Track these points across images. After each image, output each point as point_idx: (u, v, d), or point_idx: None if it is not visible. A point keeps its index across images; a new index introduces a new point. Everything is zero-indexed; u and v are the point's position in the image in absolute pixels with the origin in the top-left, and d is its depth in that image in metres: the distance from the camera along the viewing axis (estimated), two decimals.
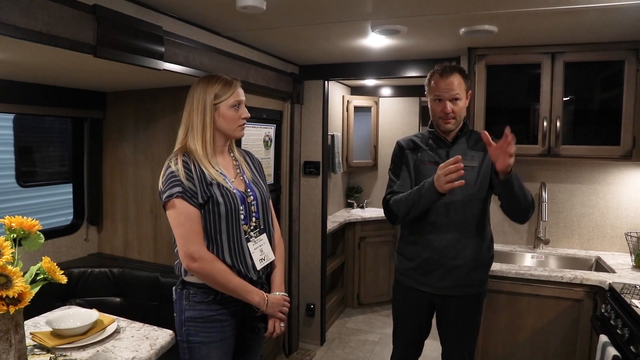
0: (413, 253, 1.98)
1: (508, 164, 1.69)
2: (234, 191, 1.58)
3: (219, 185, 1.55)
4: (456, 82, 1.87)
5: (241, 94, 1.63)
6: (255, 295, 1.57)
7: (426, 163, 1.95)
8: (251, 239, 1.61)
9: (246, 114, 1.65)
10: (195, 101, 1.58)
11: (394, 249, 4.36)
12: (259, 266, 1.61)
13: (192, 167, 1.53)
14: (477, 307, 2.00)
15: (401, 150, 2.04)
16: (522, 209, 1.85)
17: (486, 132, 1.71)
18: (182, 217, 1.49)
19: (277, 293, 1.67)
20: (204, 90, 1.58)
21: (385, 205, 2.02)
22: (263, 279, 1.66)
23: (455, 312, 1.97)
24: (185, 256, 1.49)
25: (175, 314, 1.61)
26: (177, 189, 1.49)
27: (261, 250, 1.63)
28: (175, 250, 1.55)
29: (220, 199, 1.53)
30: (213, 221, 1.53)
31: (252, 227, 1.62)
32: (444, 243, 1.90)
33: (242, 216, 1.58)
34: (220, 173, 1.59)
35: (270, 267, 1.71)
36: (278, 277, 1.72)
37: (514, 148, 1.66)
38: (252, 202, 1.63)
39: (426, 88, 1.99)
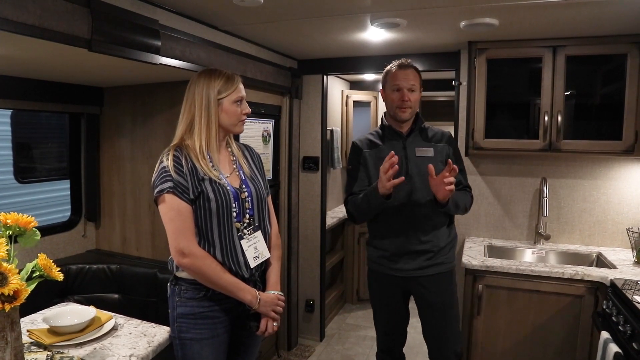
0: (380, 242, 2.09)
1: (445, 195, 1.85)
2: (227, 187, 1.55)
3: (211, 180, 1.52)
4: (413, 75, 2.01)
5: (242, 90, 1.63)
6: (247, 293, 1.55)
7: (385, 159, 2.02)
8: (245, 237, 1.58)
9: (247, 109, 1.64)
10: (197, 97, 1.55)
11: None
12: (252, 264, 1.59)
13: (184, 161, 1.50)
14: (449, 282, 2.07)
15: (357, 151, 2.13)
16: (456, 214, 2.09)
17: (431, 166, 1.84)
18: (173, 213, 1.48)
19: (272, 292, 1.64)
20: (206, 85, 1.55)
21: (346, 206, 2.14)
22: (256, 277, 1.64)
23: (431, 292, 2.04)
24: (175, 252, 1.48)
25: (169, 310, 1.60)
26: (169, 184, 1.47)
27: (255, 248, 1.61)
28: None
29: (212, 195, 1.51)
30: (204, 217, 1.51)
31: (245, 224, 1.59)
32: (406, 231, 2.01)
33: (234, 213, 1.56)
34: (215, 169, 1.56)
35: (265, 265, 1.69)
36: (273, 275, 1.69)
37: (452, 178, 1.80)
38: (247, 199, 1.60)
39: (382, 83, 2.11)
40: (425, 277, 2.03)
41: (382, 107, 4.62)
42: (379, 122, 2.17)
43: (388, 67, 2.08)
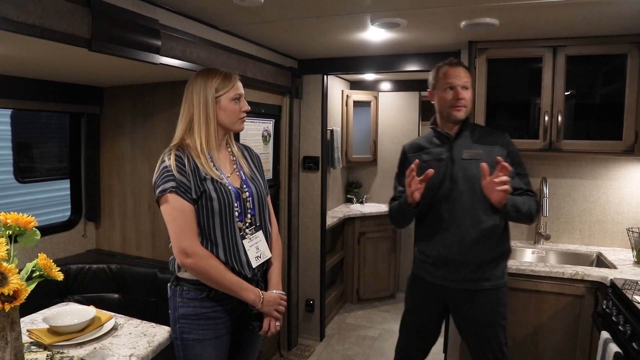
0: (426, 248, 2.00)
1: (499, 198, 1.71)
2: (229, 187, 1.56)
3: (213, 180, 1.52)
4: (466, 72, 1.93)
5: (241, 87, 1.63)
6: (250, 293, 1.55)
7: (431, 162, 1.94)
8: (247, 236, 1.58)
9: (247, 107, 1.64)
10: (195, 96, 1.56)
11: (394, 244, 4.41)
12: (255, 264, 1.59)
13: (186, 161, 1.50)
14: (494, 302, 1.92)
15: (404, 156, 2.08)
16: (521, 222, 1.93)
17: (485, 165, 1.72)
18: (176, 212, 1.48)
19: (274, 291, 1.65)
20: (203, 84, 1.56)
21: (388, 211, 2.11)
22: (258, 277, 1.64)
23: (470, 307, 1.93)
24: (178, 252, 1.48)
25: (169, 311, 1.60)
26: (171, 183, 1.47)
27: (257, 248, 1.61)
28: (170, 245, 1.53)
29: (214, 195, 1.51)
30: (206, 217, 1.51)
31: (247, 224, 1.60)
32: (452, 238, 1.90)
33: (236, 213, 1.56)
34: (216, 168, 1.56)
35: (266, 264, 1.69)
36: (275, 275, 1.69)
37: (505, 177, 1.67)
38: (248, 199, 1.61)
39: (432, 82, 1.99)
40: (465, 291, 1.91)
41: (382, 108, 4.62)
42: (430, 122, 2.09)
43: (437, 66, 1.98)
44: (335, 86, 4.19)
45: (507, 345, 1.97)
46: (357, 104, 4.45)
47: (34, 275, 1.20)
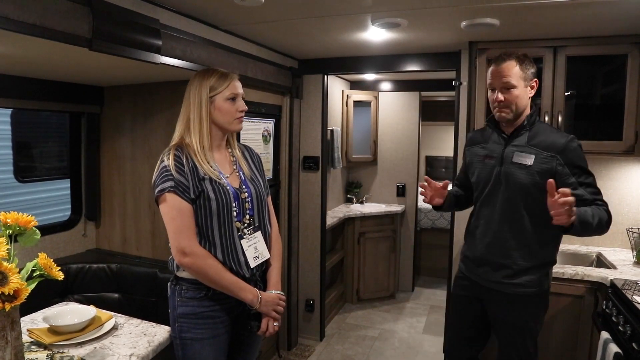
0: (470, 244, 2.00)
1: (560, 222, 1.56)
2: (227, 187, 1.56)
3: (211, 180, 1.53)
4: (510, 69, 1.76)
5: (238, 87, 1.62)
6: (248, 292, 1.55)
7: (484, 159, 1.92)
8: (245, 236, 1.59)
9: (243, 106, 1.62)
10: (191, 95, 1.57)
11: (394, 244, 4.41)
12: (252, 264, 1.59)
13: (185, 161, 1.51)
14: (529, 307, 1.86)
15: (465, 146, 2.11)
16: (591, 235, 1.76)
17: (552, 181, 1.54)
18: (175, 212, 1.48)
19: (273, 291, 1.65)
20: (199, 83, 1.57)
21: None
22: (257, 277, 1.64)
23: (502, 309, 1.90)
24: (177, 251, 1.48)
25: (169, 310, 1.60)
26: (170, 183, 1.48)
27: (255, 248, 1.61)
28: (169, 245, 1.53)
29: (212, 195, 1.51)
30: (204, 217, 1.52)
31: (245, 224, 1.60)
32: (492, 240, 1.88)
33: (235, 213, 1.56)
34: (215, 168, 1.57)
35: (265, 264, 1.69)
36: (274, 275, 1.69)
37: (568, 198, 1.49)
38: (247, 199, 1.61)
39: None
40: (500, 293, 1.87)
41: (382, 108, 4.62)
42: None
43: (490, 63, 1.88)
44: (336, 86, 4.19)
45: (535, 346, 1.91)
46: (357, 104, 4.45)
47: (34, 274, 1.20)
